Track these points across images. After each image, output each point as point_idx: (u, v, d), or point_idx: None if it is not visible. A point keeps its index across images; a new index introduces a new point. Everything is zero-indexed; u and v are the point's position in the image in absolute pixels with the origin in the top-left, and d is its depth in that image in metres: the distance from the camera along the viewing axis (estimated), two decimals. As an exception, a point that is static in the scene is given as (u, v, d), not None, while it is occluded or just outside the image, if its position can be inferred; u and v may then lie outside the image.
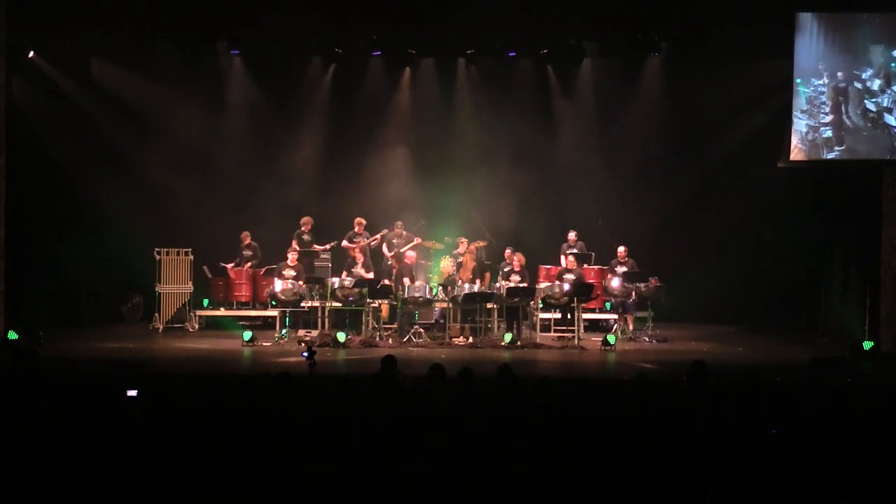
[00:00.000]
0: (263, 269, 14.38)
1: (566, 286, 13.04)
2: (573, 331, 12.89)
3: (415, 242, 14.16)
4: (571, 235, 14.35)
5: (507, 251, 13.58)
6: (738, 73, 14.17)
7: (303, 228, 14.40)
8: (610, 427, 5.93)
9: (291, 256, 13.50)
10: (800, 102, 12.92)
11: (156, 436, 5.57)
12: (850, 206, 13.63)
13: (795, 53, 12.80)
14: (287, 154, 15.29)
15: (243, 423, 6.01)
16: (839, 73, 12.81)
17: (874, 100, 12.81)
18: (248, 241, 14.54)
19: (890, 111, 12.77)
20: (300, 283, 13.06)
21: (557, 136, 15.44)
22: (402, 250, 13.96)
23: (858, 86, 12.80)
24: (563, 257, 13.89)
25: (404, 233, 14.32)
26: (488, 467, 4.79)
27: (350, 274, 13.18)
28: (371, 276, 13.23)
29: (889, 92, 12.74)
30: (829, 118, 12.91)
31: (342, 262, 14.02)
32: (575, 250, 14.12)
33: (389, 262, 14.03)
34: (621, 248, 13.80)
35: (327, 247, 14.40)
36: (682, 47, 14.62)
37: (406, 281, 13.03)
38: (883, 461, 5.21)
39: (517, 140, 15.19)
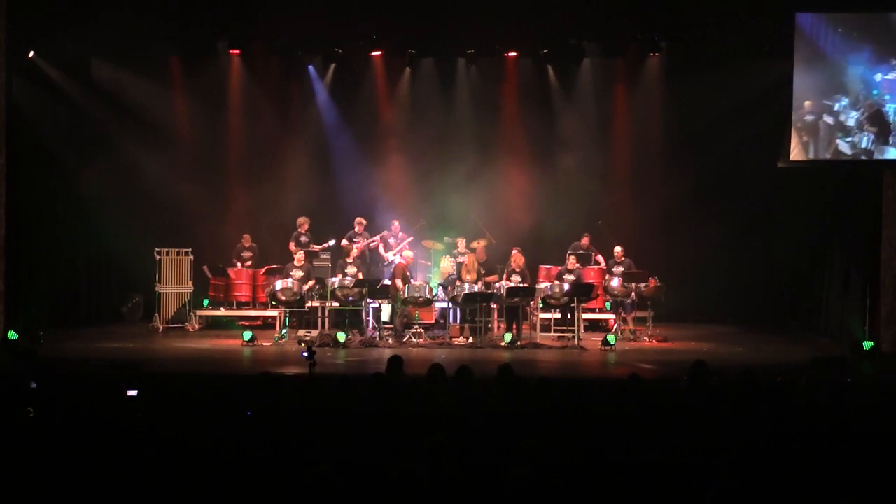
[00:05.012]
0: (264, 269, 14.37)
1: (566, 286, 13.04)
2: (573, 331, 12.88)
3: (406, 241, 14.11)
4: (585, 241, 14.31)
5: (515, 251, 13.45)
6: (738, 73, 14.13)
7: (300, 229, 14.38)
8: (610, 427, 5.92)
9: (298, 257, 13.48)
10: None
11: (156, 436, 5.57)
12: (850, 206, 13.62)
13: (795, 53, 12.79)
14: (287, 153, 15.29)
15: (244, 423, 6.01)
16: (839, 72, 12.80)
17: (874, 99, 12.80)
18: (248, 243, 14.54)
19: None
20: (310, 283, 13.02)
21: (557, 136, 15.41)
22: (395, 251, 13.95)
23: (858, 85, 12.79)
24: (568, 257, 13.76)
25: (400, 233, 14.31)
26: (488, 468, 4.78)
27: (343, 274, 13.14)
28: (361, 276, 13.19)
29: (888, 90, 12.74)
30: (829, 118, 12.90)
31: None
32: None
33: (388, 263, 14.01)
34: (618, 248, 13.82)
35: (325, 245, 14.35)
36: (682, 47, 14.62)
37: (399, 282, 12.95)
38: (883, 461, 5.20)
39: (516, 140, 15.19)
